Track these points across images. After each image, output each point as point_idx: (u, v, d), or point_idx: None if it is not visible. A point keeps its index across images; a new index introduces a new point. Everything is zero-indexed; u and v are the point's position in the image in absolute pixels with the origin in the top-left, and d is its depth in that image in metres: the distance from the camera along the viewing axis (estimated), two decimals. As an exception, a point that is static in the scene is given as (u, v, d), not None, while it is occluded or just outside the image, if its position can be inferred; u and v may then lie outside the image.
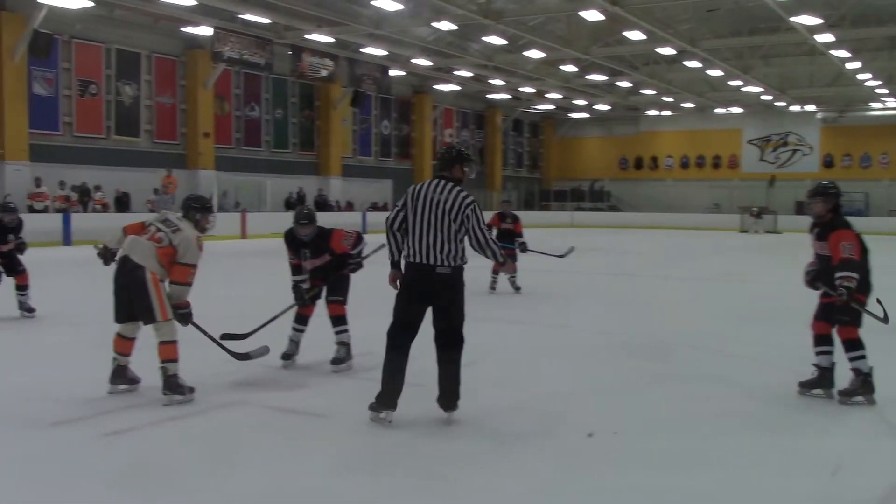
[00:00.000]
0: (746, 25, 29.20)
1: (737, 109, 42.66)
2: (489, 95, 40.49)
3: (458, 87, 37.42)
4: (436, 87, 37.40)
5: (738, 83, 34.86)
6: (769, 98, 38.71)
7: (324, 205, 29.67)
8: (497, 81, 35.87)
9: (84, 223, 21.22)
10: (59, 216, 21.43)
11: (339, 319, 6.80)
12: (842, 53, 28.46)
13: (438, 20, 24.11)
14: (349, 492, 4.20)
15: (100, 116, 24.98)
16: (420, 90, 37.90)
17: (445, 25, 24.86)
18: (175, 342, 5.67)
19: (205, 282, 6.08)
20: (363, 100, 32.99)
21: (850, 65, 30.44)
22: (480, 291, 12.20)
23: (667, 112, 44.89)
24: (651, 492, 4.27)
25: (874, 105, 40.16)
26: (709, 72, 33.10)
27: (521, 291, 12.27)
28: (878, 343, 6.14)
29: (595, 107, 43.45)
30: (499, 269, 12.31)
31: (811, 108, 40.92)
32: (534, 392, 6.31)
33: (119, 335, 5.88)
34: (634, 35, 26.53)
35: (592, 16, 23.57)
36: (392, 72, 32.60)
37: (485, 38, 27.82)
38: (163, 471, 4.44)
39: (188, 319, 5.78)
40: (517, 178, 47.24)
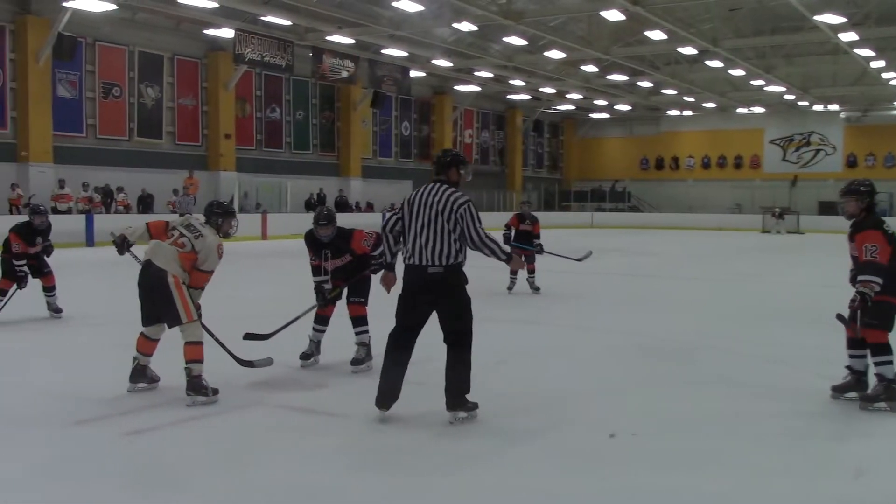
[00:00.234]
0: (769, 24, 28.95)
1: (759, 109, 42.35)
2: (509, 96, 40.45)
3: (479, 88, 37.41)
4: (456, 88, 37.42)
5: (761, 83, 34.61)
6: (792, 97, 38.40)
7: (344, 206, 29.76)
8: (517, 82, 35.83)
9: (107, 224, 21.31)
10: (83, 217, 21.61)
11: (360, 320, 6.82)
12: (866, 52, 28.19)
13: (459, 21, 24.11)
14: (365, 491, 4.21)
15: (123, 118, 25.20)
16: (440, 91, 37.94)
17: (466, 26, 24.85)
18: (201, 343, 5.72)
19: (225, 282, 6.13)
20: (383, 101, 33.06)
21: (874, 63, 30.14)
22: (499, 292, 12.20)
23: (688, 112, 44.65)
24: (668, 492, 4.25)
25: (898, 104, 39.79)
26: (731, 71, 32.88)
27: (540, 292, 12.24)
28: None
29: (616, 107, 43.31)
30: (516, 269, 12.31)
31: (834, 108, 40.57)
32: (550, 393, 6.29)
33: (143, 335, 5.96)
34: (656, 35, 26.41)
35: (613, 16, 23.49)
36: (412, 73, 32.65)
37: (505, 39, 27.81)
38: (182, 470, 4.47)
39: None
40: (537, 179, 47.15)
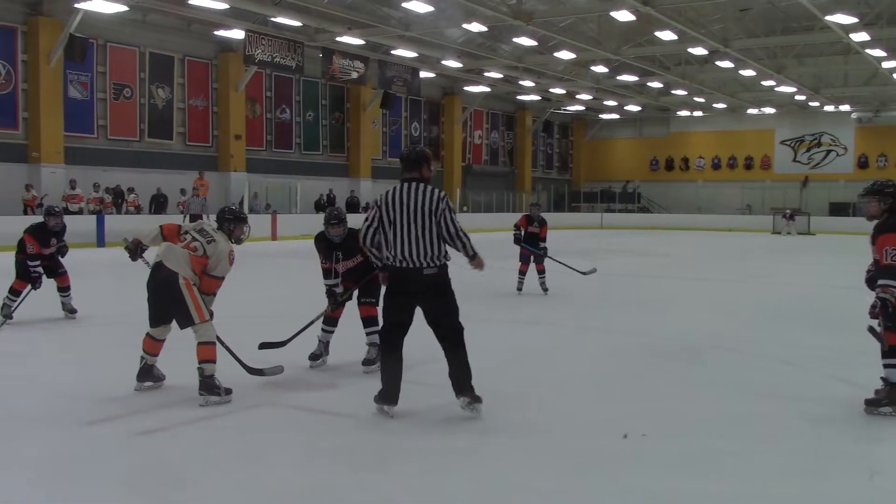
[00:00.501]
0: (780, 25, 28.87)
1: (769, 110, 42.20)
2: (519, 97, 40.43)
3: (488, 89, 37.39)
4: (466, 89, 37.42)
5: (771, 83, 34.48)
6: (803, 98, 38.27)
7: (355, 206, 29.78)
8: (527, 83, 35.80)
9: (118, 225, 21.46)
10: (94, 218, 21.69)
11: (371, 321, 6.82)
12: (877, 52, 28.04)
13: (469, 21, 24.11)
14: (373, 491, 4.21)
15: (133, 119, 25.29)
16: (450, 92, 37.95)
17: (476, 27, 24.83)
18: (213, 343, 5.75)
19: (235, 283, 6.14)
20: (393, 101, 33.10)
21: (886, 64, 29.98)
22: (508, 293, 12.20)
23: (698, 113, 44.53)
24: (677, 494, 4.23)
25: (910, 105, 39.59)
26: (741, 72, 32.76)
27: (549, 293, 12.22)
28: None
29: (625, 107, 43.25)
30: (526, 270, 12.31)
31: (846, 108, 40.41)
32: (557, 393, 6.29)
33: (150, 336, 6.00)
34: (666, 35, 26.34)
35: (623, 16, 23.43)
36: (422, 73, 32.65)
37: (515, 40, 27.78)
38: (191, 470, 4.47)
39: None
40: (547, 180, 47.11)
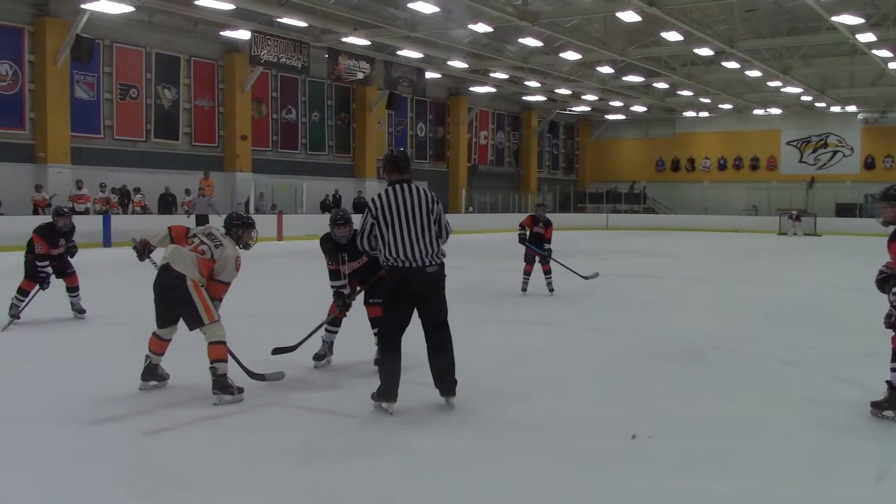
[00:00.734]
0: (786, 25, 28.82)
1: (776, 110, 42.13)
2: (525, 97, 40.43)
3: (494, 89, 37.40)
4: (471, 89, 37.43)
5: (777, 84, 34.43)
6: (809, 99, 38.21)
7: (362, 207, 29.75)
8: (533, 83, 35.80)
9: (124, 225, 21.55)
10: (100, 218, 21.77)
11: (379, 321, 6.83)
12: (884, 53, 27.96)
13: (474, 22, 24.12)
14: (380, 491, 4.23)
15: (140, 119, 25.36)
16: (456, 92, 37.98)
17: (481, 27, 24.85)
18: (224, 343, 5.79)
19: (241, 283, 6.16)
20: (399, 102, 33.13)
21: (893, 64, 29.87)
22: (513, 293, 12.22)
23: (704, 113, 44.48)
24: (682, 495, 4.24)
25: (917, 105, 39.48)
26: (747, 72, 32.73)
27: (554, 293, 12.23)
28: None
29: (631, 108, 43.22)
30: (530, 270, 12.32)
31: (852, 109, 40.33)
32: (561, 394, 6.29)
33: (156, 335, 6.04)
34: (671, 36, 26.33)
35: (629, 17, 23.39)
36: (428, 74, 32.67)
37: (521, 40, 27.76)
38: (196, 469, 4.50)
39: None
40: (552, 180, 47.10)
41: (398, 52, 29.23)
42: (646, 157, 47.84)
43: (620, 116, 46.66)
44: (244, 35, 25.47)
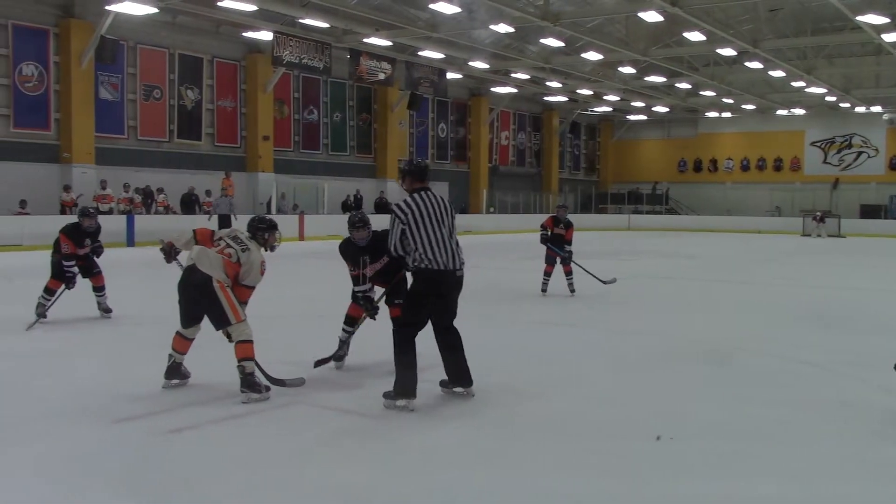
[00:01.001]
0: (810, 25, 28.61)
1: (799, 111, 41.79)
2: (546, 98, 40.35)
3: (515, 90, 37.38)
4: (493, 90, 37.42)
5: (801, 84, 34.17)
6: (833, 99, 37.88)
7: (384, 207, 29.82)
8: (554, 84, 35.72)
9: (147, 225, 21.77)
10: (124, 218, 21.96)
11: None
12: (910, 53, 27.73)
13: (496, 23, 24.11)
14: (400, 490, 4.24)
15: (163, 120, 25.56)
16: (477, 93, 37.97)
17: (503, 28, 24.84)
18: (251, 341, 5.83)
19: (263, 282, 6.19)
20: (420, 103, 33.17)
21: (919, 64, 29.65)
22: (533, 294, 12.20)
23: (727, 114, 44.20)
24: (706, 497, 4.22)
25: (944, 106, 39.04)
26: (771, 73, 32.52)
27: (575, 294, 12.18)
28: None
29: (653, 109, 43.03)
30: (551, 271, 12.28)
31: (877, 109, 39.91)
32: (583, 395, 6.27)
33: (180, 334, 6.09)
34: (694, 36, 26.20)
35: (651, 17, 23.31)
36: (449, 75, 32.69)
37: (542, 41, 27.72)
38: (220, 468, 4.52)
39: None
40: (574, 181, 46.98)
41: (419, 53, 29.27)
42: (668, 158, 47.61)
43: (642, 117, 46.47)
44: (266, 36, 25.61)
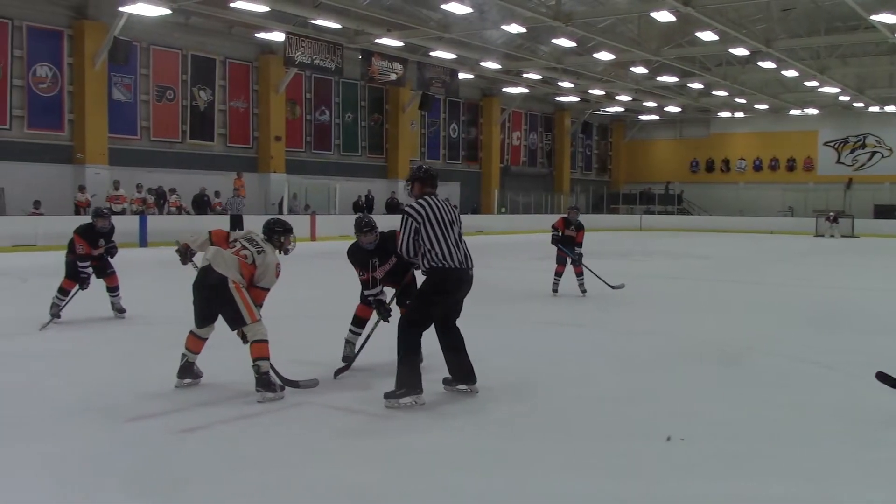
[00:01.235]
0: (823, 24, 28.49)
1: (812, 110, 41.61)
2: (558, 98, 40.31)
3: (527, 90, 37.35)
4: (504, 90, 37.41)
5: (815, 84, 34.03)
6: (847, 99, 37.70)
7: (394, 208, 29.88)
8: (566, 84, 35.68)
9: (160, 225, 21.88)
10: (136, 218, 22.07)
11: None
12: (924, 52, 27.57)
13: (508, 23, 24.11)
14: (407, 491, 4.25)
15: (176, 121, 25.68)
16: (488, 93, 37.96)
17: (515, 28, 24.83)
18: (266, 341, 5.86)
19: (276, 283, 6.22)
20: (432, 103, 33.20)
21: (934, 64, 29.46)
22: (544, 294, 12.20)
23: (739, 114, 44.05)
24: (716, 498, 4.21)
25: (959, 105, 38.77)
26: (784, 72, 32.39)
27: (586, 295, 12.17)
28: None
29: (665, 109, 42.92)
30: (562, 271, 12.27)
31: (891, 109, 39.68)
32: (595, 395, 6.27)
33: (193, 334, 6.13)
34: (706, 35, 26.13)
35: (663, 16, 23.27)
36: (461, 75, 32.71)
37: (554, 41, 27.70)
38: (230, 468, 4.54)
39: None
40: (586, 181, 46.91)
41: (431, 53, 29.30)
42: (680, 158, 47.48)
43: (654, 117, 46.36)
44: (278, 37, 25.69)
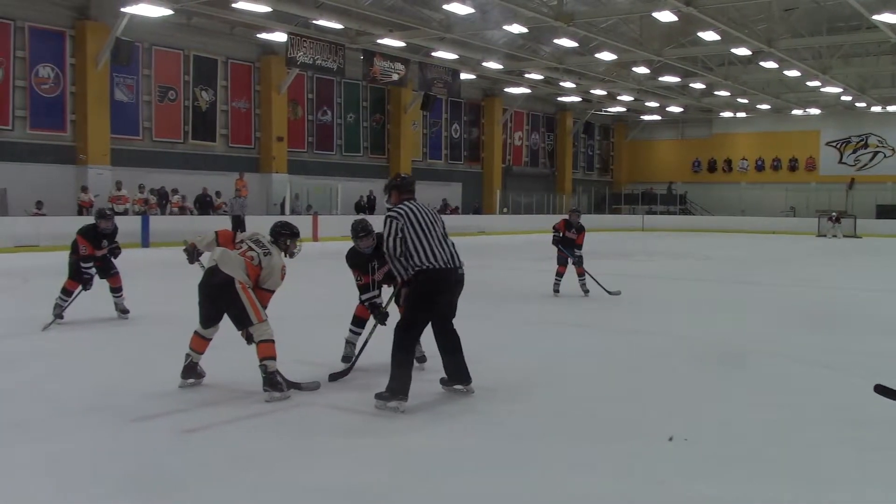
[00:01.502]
0: (825, 24, 28.45)
1: (815, 110, 41.59)
2: (560, 98, 40.32)
3: (529, 90, 37.36)
4: (506, 90, 37.41)
5: (817, 84, 33.99)
6: (849, 98, 37.68)
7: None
8: (568, 84, 35.69)
9: (162, 225, 21.90)
10: (139, 219, 22.07)
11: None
12: (926, 52, 27.54)
13: (509, 23, 24.11)
14: (410, 492, 4.25)
15: (178, 121, 25.69)
16: (490, 93, 37.96)
17: (516, 28, 24.83)
18: (273, 341, 5.88)
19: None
20: (433, 103, 33.21)
21: (936, 64, 29.43)
22: (545, 294, 12.20)
23: (741, 114, 44.03)
24: (718, 499, 4.20)
25: (961, 105, 38.74)
26: (786, 72, 32.35)
27: (588, 295, 12.16)
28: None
29: (667, 109, 42.90)
30: (563, 272, 12.26)
31: (893, 109, 39.64)
32: (598, 396, 6.26)
33: (198, 334, 6.15)
34: (708, 35, 26.14)
35: (665, 17, 23.26)
36: (463, 75, 32.71)
37: (556, 41, 27.70)
38: (232, 468, 4.54)
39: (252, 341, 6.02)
40: (587, 182, 46.90)
41: (433, 54, 29.30)
42: (682, 158, 47.47)
43: (656, 117, 46.35)
44: (280, 37, 25.71)
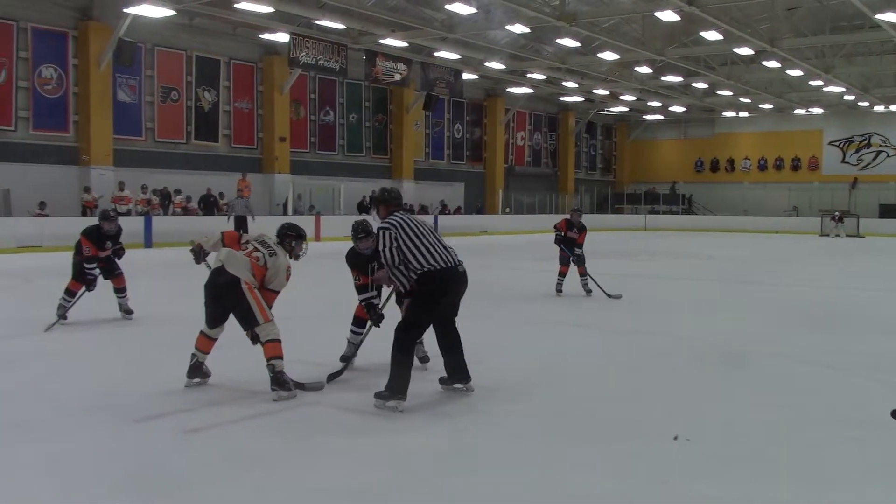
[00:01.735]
0: (828, 24, 28.43)
1: (817, 110, 41.54)
2: (562, 98, 40.30)
3: (531, 90, 37.35)
4: (508, 90, 37.40)
5: (819, 83, 33.96)
6: (852, 98, 37.63)
7: (397, 208, 29.84)
8: (570, 84, 35.66)
9: (164, 226, 21.92)
10: (141, 219, 22.10)
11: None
12: (929, 51, 27.49)
13: (512, 23, 24.10)
14: (411, 491, 4.26)
15: (180, 122, 25.71)
16: (493, 93, 37.96)
17: (519, 28, 24.83)
18: (279, 340, 5.90)
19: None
20: (436, 103, 33.23)
21: (939, 63, 29.38)
22: (548, 294, 12.19)
23: (744, 113, 43.99)
24: (722, 500, 4.20)
25: (964, 104, 38.67)
26: (788, 72, 32.32)
27: (591, 295, 12.15)
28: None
29: (670, 108, 42.87)
30: (566, 272, 12.25)
31: (896, 108, 39.66)
32: (600, 396, 6.27)
33: (204, 334, 6.17)
34: (711, 35, 26.12)
35: (668, 16, 23.24)
36: (465, 75, 32.71)
37: (558, 41, 27.71)
38: (236, 467, 4.55)
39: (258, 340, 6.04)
40: (590, 181, 46.87)
41: (435, 54, 29.30)
42: (684, 158, 47.43)
43: (659, 117, 46.32)
44: (283, 38, 25.72)
